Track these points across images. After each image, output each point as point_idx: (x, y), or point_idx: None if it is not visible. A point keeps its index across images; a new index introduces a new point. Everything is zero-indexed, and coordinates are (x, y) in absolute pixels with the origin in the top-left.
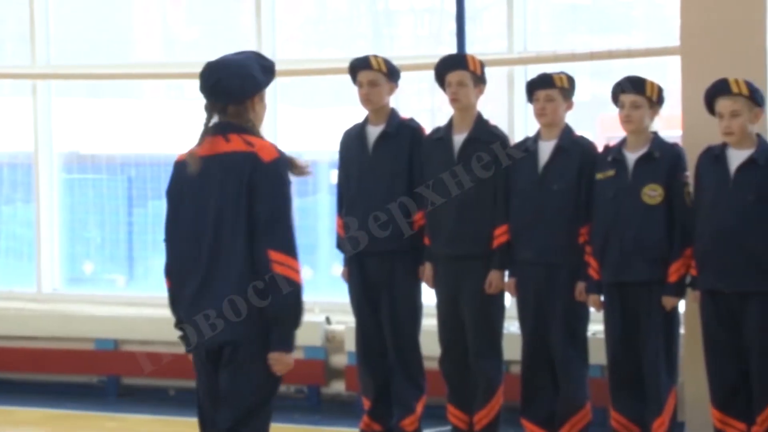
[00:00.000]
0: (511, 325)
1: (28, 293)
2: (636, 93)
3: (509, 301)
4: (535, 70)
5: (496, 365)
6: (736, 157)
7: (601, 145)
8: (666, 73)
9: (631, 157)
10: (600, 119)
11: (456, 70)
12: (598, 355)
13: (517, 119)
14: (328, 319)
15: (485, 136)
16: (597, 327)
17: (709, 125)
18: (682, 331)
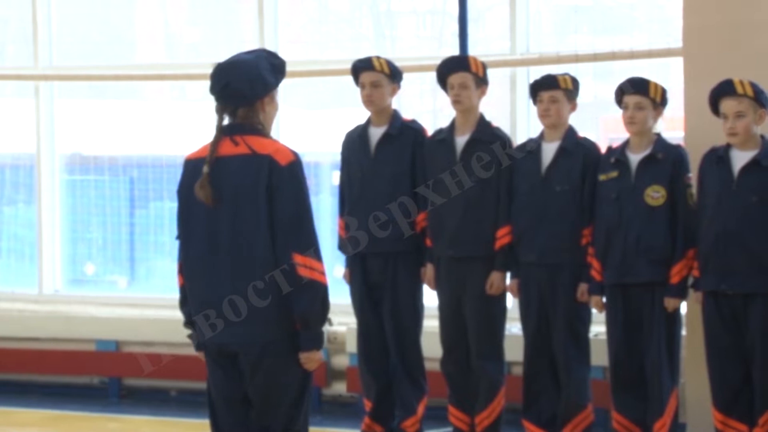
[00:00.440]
0: (513, 327)
1: (30, 294)
2: (640, 94)
3: (511, 303)
4: (537, 71)
5: (497, 367)
6: (740, 158)
7: (604, 147)
8: (668, 74)
9: (634, 158)
10: (602, 120)
11: (458, 71)
12: (600, 357)
13: (520, 121)
14: (329, 320)
15: (488, 137)
16: (599, 328)
17: (712, 126)
18: (684, 332)
